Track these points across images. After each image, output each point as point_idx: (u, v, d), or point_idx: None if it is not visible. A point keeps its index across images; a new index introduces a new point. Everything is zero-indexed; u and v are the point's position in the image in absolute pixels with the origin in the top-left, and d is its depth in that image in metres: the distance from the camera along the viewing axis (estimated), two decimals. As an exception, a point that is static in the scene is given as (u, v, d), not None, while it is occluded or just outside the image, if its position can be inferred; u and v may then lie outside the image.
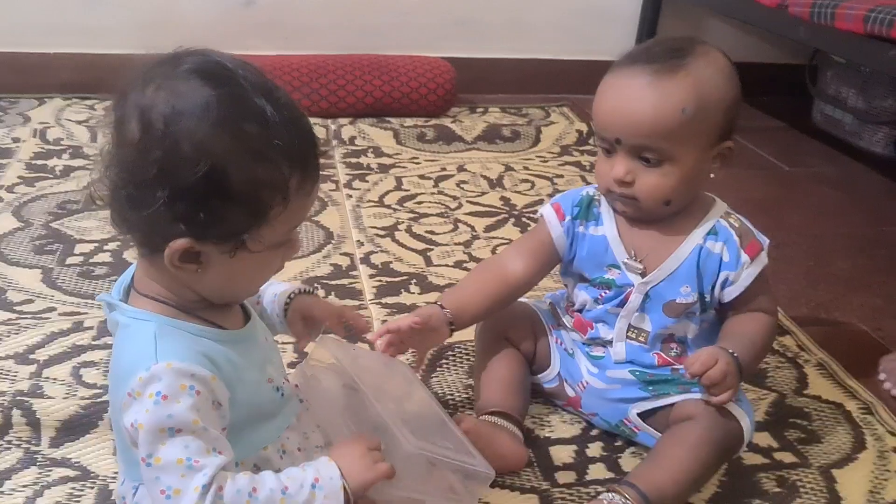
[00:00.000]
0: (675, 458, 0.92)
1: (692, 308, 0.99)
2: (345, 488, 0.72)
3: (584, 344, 1.05)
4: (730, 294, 0.98)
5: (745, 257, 0.97)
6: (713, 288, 0.98)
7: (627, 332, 1.01)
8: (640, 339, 1.01)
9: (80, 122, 2.01)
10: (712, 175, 0.98)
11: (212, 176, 0.65)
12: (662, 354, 1.01)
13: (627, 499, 0.88)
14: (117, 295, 0.75)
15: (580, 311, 1.05)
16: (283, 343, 1.08)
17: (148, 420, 0.66)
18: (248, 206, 0.67)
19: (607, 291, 1.01)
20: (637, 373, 1.01)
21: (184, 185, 0.65)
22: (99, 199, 0.70)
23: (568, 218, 1.04)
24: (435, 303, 1.03)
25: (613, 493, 0.89)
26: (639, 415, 1.01)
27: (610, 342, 1.02)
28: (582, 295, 1.04)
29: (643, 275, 0.99)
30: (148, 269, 0.73)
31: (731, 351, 0.92)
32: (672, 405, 0.98)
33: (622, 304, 1.00)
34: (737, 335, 0.97)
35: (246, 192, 0.66)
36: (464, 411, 1.10)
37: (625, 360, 1.02)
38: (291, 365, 1.10)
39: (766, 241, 1.00)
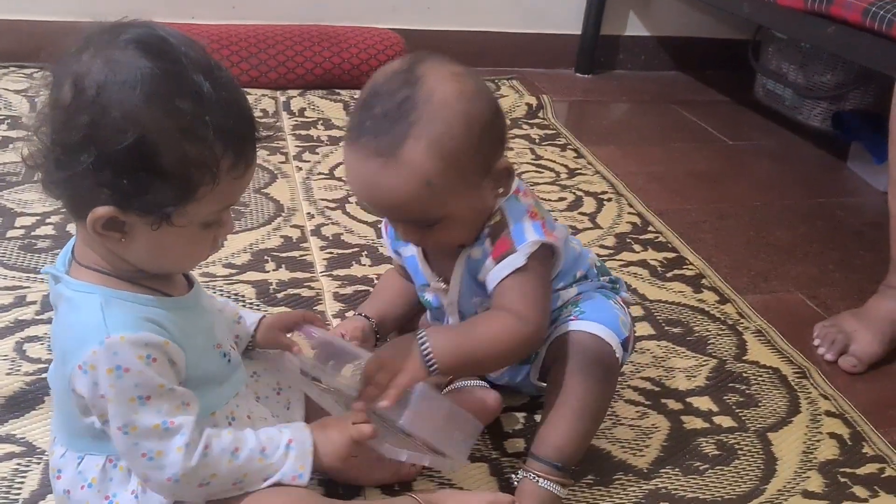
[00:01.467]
0: (559, 409, 0.89)
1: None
2: (315, 452, 0.77)
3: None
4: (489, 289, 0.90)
5: (489, 261, 0.88)
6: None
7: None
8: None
9: (17, 92, 1.94)
10: (501, 190, 0.88)
11: (139, 147, 0.65)
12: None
13: (538, 474, 0.88)
14: (61, 267, 0.74)
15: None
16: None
17: (115, 394, 0.68)
18: (174, 181, 0.67)
19: (433, 312, 1.02)
20: None
21: (109, 153, 0.64)
22: (30, 160, 0.70)
23: (390, 240, 1.02)
24: (358, 314, 1.05)
25: (523, 473, 0.90)
26: (540, 380, 1.00)
27: None
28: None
29: (447, 293, 0.96)
30: (84, 238, 0.73)
31: (420, 337, 0.85)
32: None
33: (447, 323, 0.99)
34: (446, 328, 0.95)
35: (173, 167, 0.66)
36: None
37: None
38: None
39: (527, 240, 0.87)
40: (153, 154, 0.65)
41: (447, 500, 0.88)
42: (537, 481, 0.89)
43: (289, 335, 0.93)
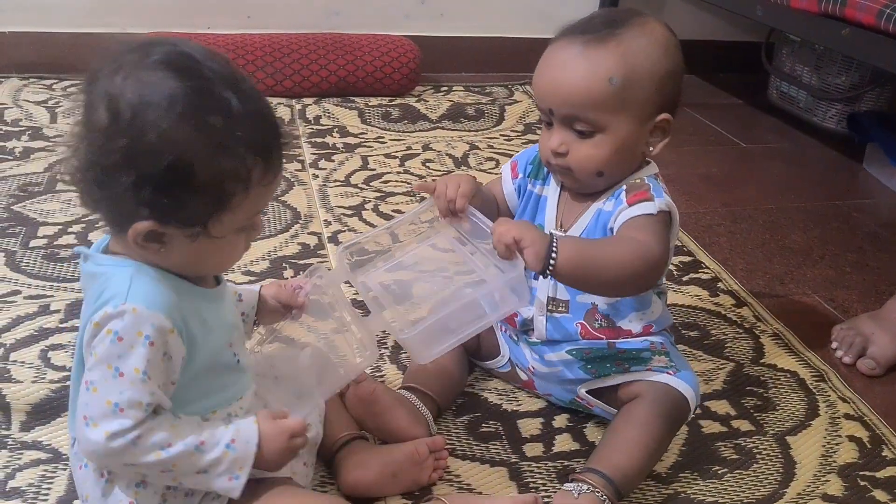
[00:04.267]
0: (629, 437, 0.94)
1: None
2: (258, 454, 0.74)
3: (523, 332, 1.06)
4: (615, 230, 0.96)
5: (622, 203, 0.94)
6: None
7: (548, 305, 1.02)
8: (561, 309, 1.01)
9: (38, 103, 1.97)
10: (651, 149, 0.97)
11: (176, 166, 0.67)
12: (586, 324, 1.01)
13: (594, 486, 0.89)
14: (96, 250, 0.76)
15: None
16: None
17: (101, 352, 0.69)
18: (210, 195, 0.69)
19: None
20: (574, 352, 1.02)
21: (148, 174, 0.67)
22: (64, 178, 0.72)
23: (521, 175, 1.06)
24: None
25: (579, 483, 0.90)
26: (588, 392, 1.03)
27: (532, 321, 1.02)
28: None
29: None
30: (117, 242, 0.75)
31: (552, 234, 0.89)
32: (618, 386, 1.00)
33: (537, 276, 0.99)
34: (572, 237, 0.97)
35: (209, 182, 0.68)
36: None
37: (545, 337, 1.02)
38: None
39: (665, 198, 0.94)
40: (190, 171, 0.67)
41: (470, 500, 0.90)
42: (594, 492, 0.89)
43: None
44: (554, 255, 0.86)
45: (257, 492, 0.78)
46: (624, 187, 0.96)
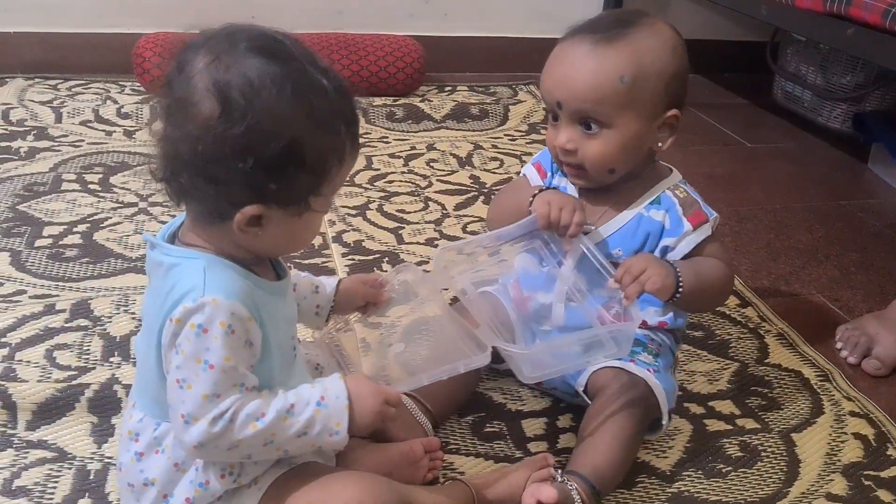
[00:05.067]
0: (600, 434, 0.93)
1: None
2: (350, 408, 0.75)
3: (534, 322, 1.06)
4: (674, 258, 1.00)
5: (687, 226, 1.00)
6: (648, 252, 1.00)
7: (567, 294, 1.02)
8: (579, 298, 1.02)
9: (43, 103, 1.98)
10: (660, 144, 1.00)
11: (291, 147, 0.69)
12: (603, 311, 1.00)
13: (575, 487, 0.89)
14: (162, 238, 0.77)
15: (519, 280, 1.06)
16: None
17: (189, 348, 0.70)
18: (315, 171, 0.72)
19: (546, 250, 1.03)
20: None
21: (265, 157, 0.68)
22: (155, 179, 0.73)
23: (549, 174, 1.07)
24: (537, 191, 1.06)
25: (566, 480, 0.90)
26: (584, 392, 1.02)
27: (549, 308, 1.02)
28: (525, 259, 1.05)
29: (585, 233, 1.00)
30: (198, 228, 0.75)
31: (672, 263, 0.95)
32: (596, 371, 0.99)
33: (560, 264, 1.02)
34: (683, 262, 1.00)
35: (315, 159, 0.71)
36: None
37: (563, 323, 1.02)
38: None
39: (713, 214, 1.02)
40: (301, 151, 0.69)
41: (490, 477, 0.92)
42: (566, 484, 0.89)
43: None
44: (681, 287, 0.94)
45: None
46: (675, 201, 1.00)
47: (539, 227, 0.98)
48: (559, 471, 0.92)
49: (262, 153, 0.68)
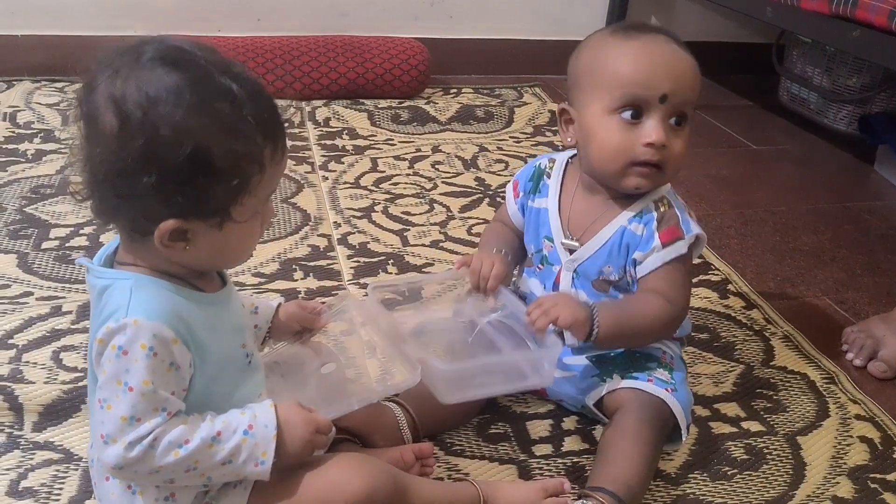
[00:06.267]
0: (624, 449, 0.93)
1: (620, 283, 1.00)
2: (280, 437, 0.74)
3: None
4: (638, 273, 0.98)
5: (657, 241, 0.96)
6: (625, 267, 0.99)
7: None
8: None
9: (50, 106, 1.99)
10: None
11: (195, 156, 0.67)
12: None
13: (602, 502, 0.88)
14: (98, 262, 0.76)
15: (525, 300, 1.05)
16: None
17: (110, 369, 0.70)
18: (229, 179, 0.70)
19: (541, 268, 1.04)
20: (593, 359, 1.02)
21: (169, 168, 0.67)
22: (77, 196, 0.72)
23: (522, 194, 1.07)
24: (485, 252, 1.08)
25: (587, 500, 0.89)
26: (594, 406, 1.02)
27: (560, 334, 0.99)
28: (528, 283, 1.06)
29: (572, 251, 1.01)
30: (129, 246, 0.75)
31: (591, 305, 0.95)
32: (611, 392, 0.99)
33: (556, 286, 1.02)
34: (610, 302, 0.99)
35: (228, 166, 0.69)
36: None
37: (576, 344, 1.00)
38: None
39: (692, 231, 0.97)
40: (208, 159, 0.68)
41: (502, 484, 0.92)
42: None
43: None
44: (595, 328, 0.92)
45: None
46: (654, 214, 0.98)
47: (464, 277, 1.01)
48: (575, 495, 0.91)
49: (165, 165, 0.67)
